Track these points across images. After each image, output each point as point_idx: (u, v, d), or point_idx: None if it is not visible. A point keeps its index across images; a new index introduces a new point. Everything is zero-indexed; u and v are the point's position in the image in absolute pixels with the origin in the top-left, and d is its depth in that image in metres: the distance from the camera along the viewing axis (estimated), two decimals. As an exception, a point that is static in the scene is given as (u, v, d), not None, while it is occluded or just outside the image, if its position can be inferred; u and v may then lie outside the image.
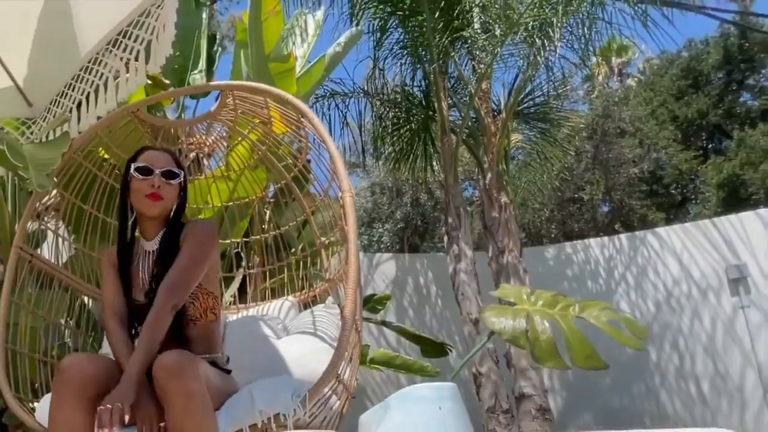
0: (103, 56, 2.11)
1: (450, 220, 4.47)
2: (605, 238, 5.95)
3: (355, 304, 1.71)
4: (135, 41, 2.02)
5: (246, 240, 2.73)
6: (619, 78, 15.32)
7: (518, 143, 5.93)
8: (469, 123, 4.89)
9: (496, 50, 4.35)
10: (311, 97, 4.68)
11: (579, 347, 1.49)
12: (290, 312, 2.40)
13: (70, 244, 2.20)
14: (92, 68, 2.10)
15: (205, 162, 2.76)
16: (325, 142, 2.03)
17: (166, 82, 3.05)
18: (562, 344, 1.56)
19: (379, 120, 5.35)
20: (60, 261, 2.13)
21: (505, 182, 4.68)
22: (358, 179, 9.03)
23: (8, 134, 2.10)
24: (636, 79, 14.96)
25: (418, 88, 5.27)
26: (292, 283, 2.53)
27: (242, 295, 2.77)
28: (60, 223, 2.24)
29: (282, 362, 1.95)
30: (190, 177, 2.54)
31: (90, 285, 2.16)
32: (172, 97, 3.12)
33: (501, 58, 4.66)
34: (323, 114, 5.22)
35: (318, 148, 2.26)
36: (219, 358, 1.66)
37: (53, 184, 1.99)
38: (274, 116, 2.31)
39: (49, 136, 2.08)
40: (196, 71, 3.42)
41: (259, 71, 3.13)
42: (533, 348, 1.50)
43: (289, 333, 2.19)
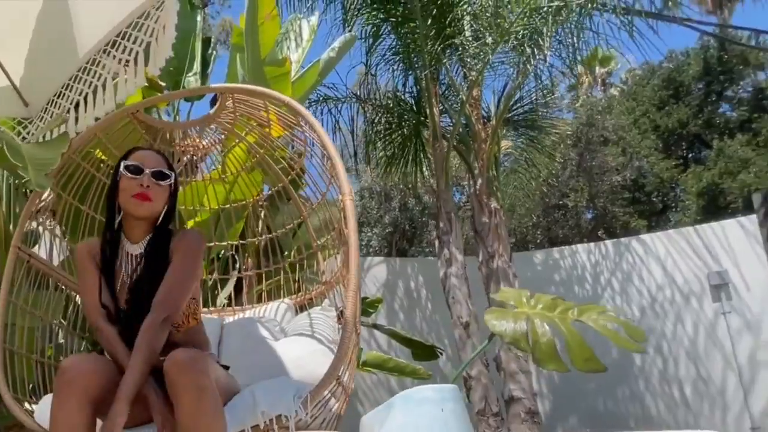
0: (101, 57, 2.11)
1: (441, 224, 4.51)
2: (591, 244, 6.05)
3: (356, 307, 1.72)
4: (134, 43, 2.02)
5: (243, 242, 2.73)
6: (603, 87, 15.60)
7: (508, 149, 6.01)
8: (460, 129, 4.94)
9: (487, 58, 4.41)
10: (305, 102, 4.69)
11: (579, 350, 1.52)
12: (286, 314, 2.40)
13: (67, 246, 2.18)
14: (90, 69, 2.10)
15: (198, 165, 2.75)
16: (325, 145, 2.05)
17: (162, 84, 3.04)
18: (560, 347, 1.60)
19: (371, 125, 5.38)
20: (54, 261, 2.11)
21: (495, 188, 4.74)
22: (347, 184, 9.03)
23: (5, 133, 2.08)
24: (619, 88, 15.25)
25: (410, 94, 5.32)
26: (287, 285, 2.54)
27: (236, 297, 2.77)
28: (52, 224, 2.21)
29: (280, 364, 1.96)
30: (186, 179, 2.54)
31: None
32: (172, 99, 3.12)
33: (491, 65, 4.73)
34: (316, 118, 5.22)
35: (313, 150, 2.28)
36: (213, 356, 1.67)
37: (52, 184, 1.98)
38: (273, 119, 2.32)
39: (46, 136, 2.07)
40: (191, 74, 3.41)
41: (254, 75, 3.13)
42: (534, 350, 1.53)
43: (286, 335, 2.20)
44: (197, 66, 3.49)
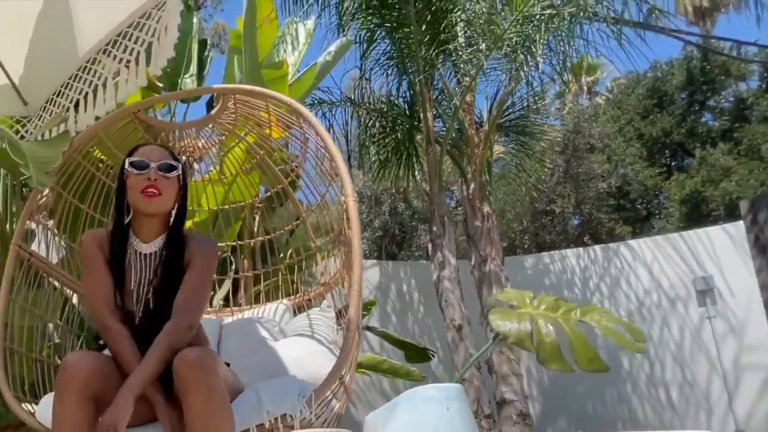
0: (102, 57, 2.10)
1: (434, 228, 4.54)
2: (581, 249, 6.13)
3: (359, 307, 1.73)
4: (135, 42, 2.02)
5: (241, 243, 2.73)
6: (589, 96, 15.82)
7: (499, 155, 6.07)
8: (453, 134, 4.99)
9: (480, 63, 4.47)
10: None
11: (582, 350, 1.55)
12: (285, 315, 2.41)
13: (66, 246, 2.16)
14: (91, 68, 2.09)
15: (195, 166, 2.75)
16: (328, 147, 2.06)
17: (159, 85, 3.03)
18: (563, 347, 1.63)
19: (365, 129, 5.41)
20: (51, 259, 2.09)
21: (487, 192, 4.79)
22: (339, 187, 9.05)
23: (6, 132, 2.06)
24: (604, 97, 15.48)
25: (404, 99, 5.35)
26: (285, 286, 2.54)
27: (234, 298, 2.76)
28: (49, 222, 2.19)
29: (281, 364, 1.96)
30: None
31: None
32: (173, 99, 3.11)
33: (484, 71, 4.79)
34: (313, 121, 5.23)
35: (314, 152, 2.30)
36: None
37: (53, 182, 1.96)
38: (273, 120, 2.33)
39: (46, 135, 2.05)
40: (188, 75, 3.41)
41: (252, 77, 3.14)
42: (538, 350, 1.55)
43: (286, 335, 2.21)
44: (194, 68, 3.50)
